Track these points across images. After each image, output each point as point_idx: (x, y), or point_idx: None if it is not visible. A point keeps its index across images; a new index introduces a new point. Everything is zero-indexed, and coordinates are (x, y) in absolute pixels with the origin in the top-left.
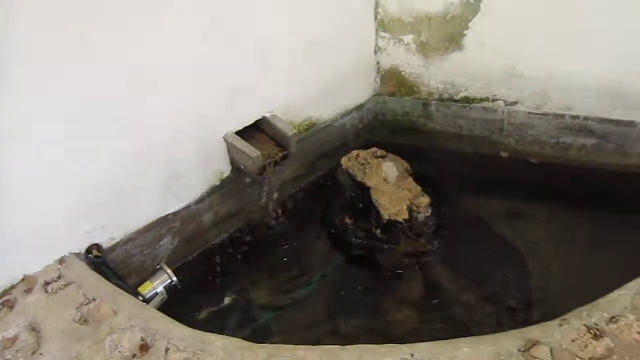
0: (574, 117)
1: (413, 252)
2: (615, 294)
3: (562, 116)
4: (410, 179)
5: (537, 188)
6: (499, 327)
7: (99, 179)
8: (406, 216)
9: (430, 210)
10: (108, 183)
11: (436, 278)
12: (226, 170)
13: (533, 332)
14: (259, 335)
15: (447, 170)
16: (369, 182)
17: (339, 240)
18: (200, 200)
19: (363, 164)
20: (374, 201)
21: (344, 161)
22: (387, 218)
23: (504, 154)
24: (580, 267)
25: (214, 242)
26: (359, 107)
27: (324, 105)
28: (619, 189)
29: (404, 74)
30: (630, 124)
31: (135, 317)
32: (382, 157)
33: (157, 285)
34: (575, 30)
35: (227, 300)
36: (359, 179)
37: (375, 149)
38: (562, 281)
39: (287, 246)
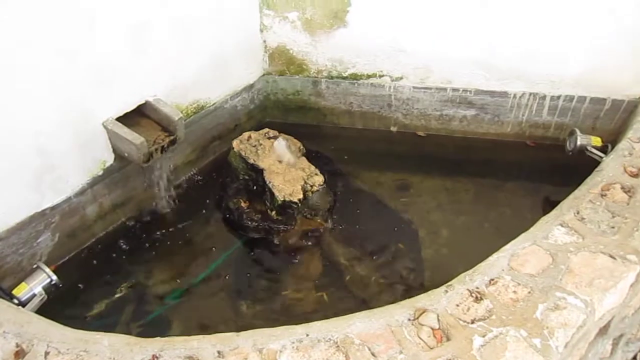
0: (455, 90)
1: (309, 231)
2: (494, 257)
3: (444, 89)
4: (304, 158)
5: (425, 160)
6: (394, 297)
7: None
8: (300, 196)
9: (324, 189)
10: None
11: (333, 255)
12: (109, 158)
13: (421, 300)
14: (156, 328)
15: (340, 147)
16: (262, 164)
17: (235, 224)
18: (81, 192)
19: (255, 146)
20: (268, 183)
21: (236, 143)
22: (282, 199)
23: (394, 128)
24: (467, 233)
25: (102, 235)
26: (249, 87)
27: (212, 86)
28: (497, 157)
29: (291, 52)
30: (504, 94)
31: (7, 322)
32: (274, 137)
33: (35, 286)
34: (451, 4)
35: (119, 295)
36: (252, 161)
37: (267, 130)
38: (451, 248)
39: (182, 233)
